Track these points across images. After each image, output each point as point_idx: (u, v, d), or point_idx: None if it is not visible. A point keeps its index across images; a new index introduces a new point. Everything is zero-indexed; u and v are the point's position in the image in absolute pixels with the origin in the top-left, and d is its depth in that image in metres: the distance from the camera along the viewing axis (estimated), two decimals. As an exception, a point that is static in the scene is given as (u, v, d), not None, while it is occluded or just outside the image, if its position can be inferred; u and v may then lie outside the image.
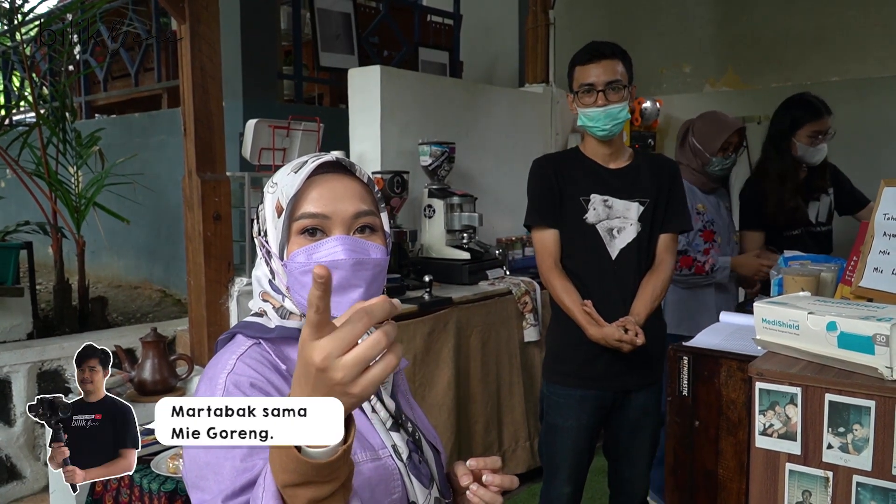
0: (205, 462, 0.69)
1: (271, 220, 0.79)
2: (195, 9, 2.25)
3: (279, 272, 0.80)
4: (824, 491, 0.86)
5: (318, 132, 2.64)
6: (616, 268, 1.73)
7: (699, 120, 2.30)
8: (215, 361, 0.77)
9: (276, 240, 0.78)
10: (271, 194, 0.80)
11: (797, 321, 0.92)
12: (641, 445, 1.80)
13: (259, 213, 0.83)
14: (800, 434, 0.87)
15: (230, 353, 0.76)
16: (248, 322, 0.80)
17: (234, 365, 0.74)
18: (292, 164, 0.81)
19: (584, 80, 1.71)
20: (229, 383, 0.72)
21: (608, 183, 1.76)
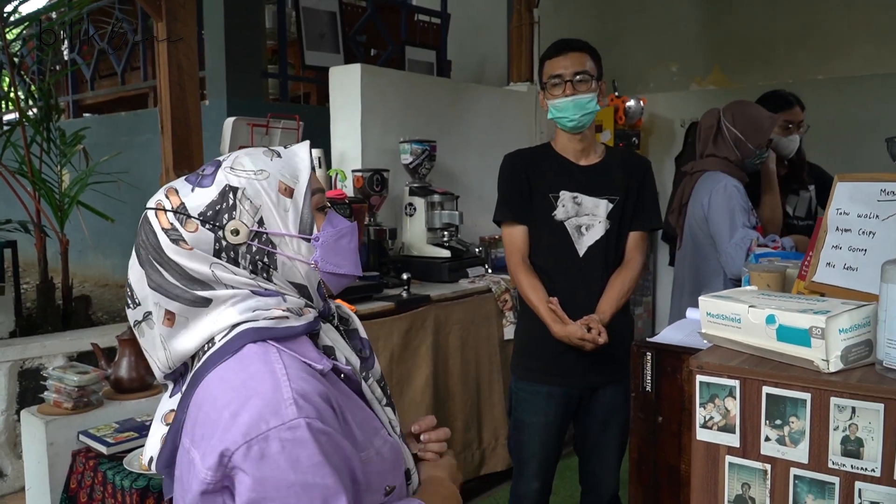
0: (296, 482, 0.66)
1: (276, 205, 0.77)
2: (172, 7, 2.25)
3: (300, 254, 0.78)
4: (763, 483, 0.87)
5: (298, 130, 2.64)
6: (583, 265, 1.73)
7: (736, 112, 2.18)
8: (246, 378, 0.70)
9: (295, 220, 0.78)
10: (263, 180, 0.77)
11: (739, 314, 0.92)
12: (611, 441, 1.81)
13: (240, 207, 0.76)
14: (738, 427, 0.87)
15: (262, 361, 0.71)
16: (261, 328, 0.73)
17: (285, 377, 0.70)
18: (261, 153, 0.80)
19: (553, 72, 1.72)
20: (299, 395, 0.69)
21: (578, 179, 1.76)
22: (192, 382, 0.75)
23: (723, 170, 2.17)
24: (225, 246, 0.75)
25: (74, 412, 2.06)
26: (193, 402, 0.73)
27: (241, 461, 0.66)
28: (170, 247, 0.74)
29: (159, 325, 0.76)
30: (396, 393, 2.33)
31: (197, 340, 0.75)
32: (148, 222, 0.76)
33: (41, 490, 2.08)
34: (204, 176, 0.78)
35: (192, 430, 0.72)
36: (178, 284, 0.74)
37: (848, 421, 0.81)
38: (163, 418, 0.79)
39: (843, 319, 0.84)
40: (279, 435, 0.66)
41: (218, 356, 0.73)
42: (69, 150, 3.31)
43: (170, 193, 0.77)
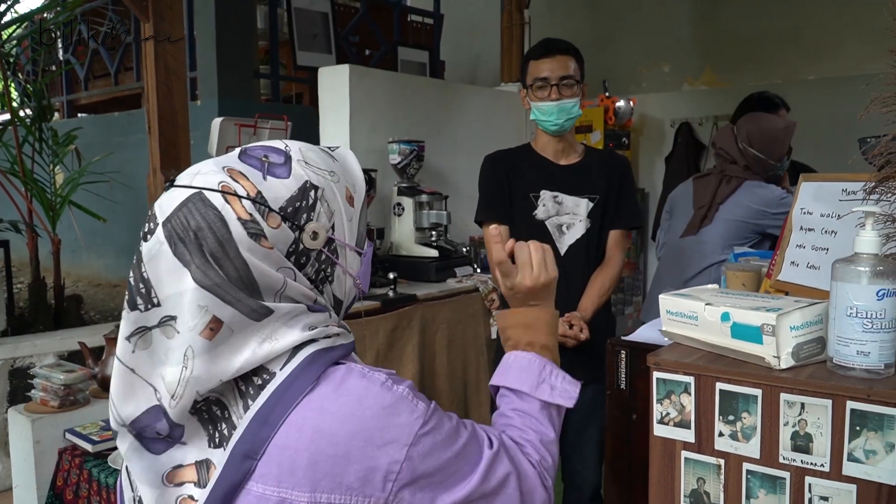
0: (457, 450, 0.68)
1: (343, 213, 0.70)
2: (159, 7, 2.27)
3: (353, 266, 0.73)
4: (717, 478, 0.88)
5: (286, 131, 2.66)
6: (564, 263, 1.74)
7: (751, 131, 2.13)
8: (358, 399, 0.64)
9: (353, 231, 0.72)
10: (335, 183, 0.70)
11: (696, 312, 0.93)
12: (591, 439, 1.82)
13: (321, 210, 0.68)
14: (693, 422, 0.89)
15: (361, 378, 0.67)
16: (329, 349, 0.67)
17: (390, 382, 0.68)
18: (319, 150, 0.73)
19: (538, 75, 1.73)
20: (411, 391, 0.68)
21: (558, 179, 1.77)
22: (260, 422, 0.62)
23: (760, 179, 2.14)
24: (300, 249, 0.66)
25: (61, 410, 2.08)
26: (279, 445, 0.62)
27: (410, 472, 0.65)
28: (245, 241, 0.62)
29: (191, 335, 0.61)
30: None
31: (241, 362, 0.62)
32: (210, 207, 0.62)
33: (28, 488, 2.10)
34: (273, 164, 0.66)
35: (299, 478, 0.62)
36: (239, 288, 0.62)
37: (797, 416, 0.82)
38: (165, 478, 0.64)
39: (795, 317, 0.85)
40: (424, 430, 0.66)
41: (294, 388, 0.63)
42: (61, 150, 3.33)
43: (236, 176, 0.64)
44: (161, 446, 0.64)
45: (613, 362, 1.47)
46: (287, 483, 0.62)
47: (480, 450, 0.71)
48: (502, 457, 0.72)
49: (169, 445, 0.64)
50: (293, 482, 0.62)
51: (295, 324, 0.65)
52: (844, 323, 0.82)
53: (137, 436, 0.65)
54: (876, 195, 0.95)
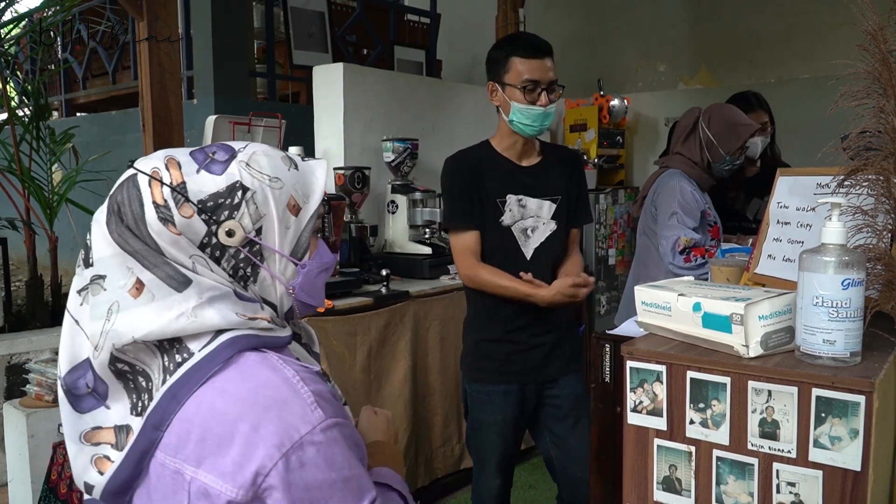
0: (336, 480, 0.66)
1: (280, 220, 0.72)
2: (153, 6, 2.29)
3: (283, 275, 0.74)
4: (688, 465, 0.89)
5: (280, 129, 2.68)
6: (531, 267, 1.70)
7: (714, 114, 2.18)
8: (256, 387, 0.66)
9: (292, 241, 0.74)
10: (276, 189, 0.72)
11: (669, 303, 0.95)
12: (581, 435, 1.79)
13: (245, 211, 0.70)
14: (665, 410, 0.90)
15: (269, 368, 0.68)
16: (251, 335, 0.69)
17: (297, 379, 0.68)
18: (279, 157, 0.75)
19: (529, 76, 1.63)
20: (318, 397, 0.68)
21: (522, 181, 1.72)
22: (171, 396, 0.66)
23: (685, 170, 2.18)
24: (213, 243, 0.70)
25: (55, 405, 2.10)
26: (183, 419, 0.66)
27: (281, 475, 0.63)
28: (155, 224, 0.68)
29: (121, 293, 0.67)
30: (375, 387, 2.37)
31: (157, 326, 0.66)
32: (136, 187, 0.69)
33: (23, 482, 2.12)
34: (214, 160, 0.71)
35: (190, 452, 0.65)
36: (158, 256, 0.68)
37: (765, 404, 0.84)
38: (82, 437, 0.69)
39: (763, 307, 0.87)
40: (312, 439, 0.65)
41: (205, 367, 0.67)
42: (58, 148, 3.35)
43: (171, 165, 0.70)
44: (88, 404, 0.69)
45: (598, 356, 1.49)
46: (181, 455, 0.66)
47: (361, 496, 0.68)
48: None
49: (95, 405, 0.69)
50: (185, 455, 0.65)
51: (220, 306, 0.68)
52: (811, 312, 0.83)
53: (67, 392, 0.70)
54: (844, 189, 0.97)
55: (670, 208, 2.06)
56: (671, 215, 2.06)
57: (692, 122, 2.24)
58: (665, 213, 2.08)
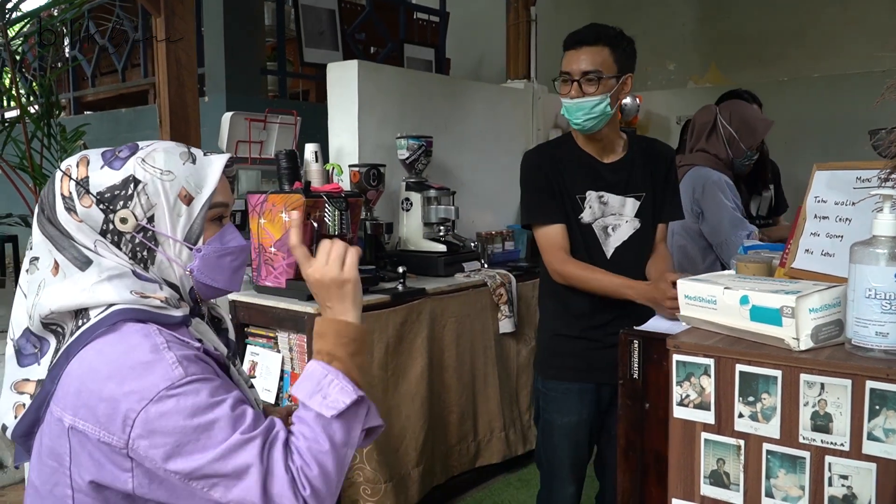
0: (199, 424, 0.73)
1: (171, 209, 0.82)
2: (170, 3, 2.28)
3: (179, 258, 0.84)
4: (737, 458, 0.89)
5: (295, 126, 2.67)
6: (611, 267, 1.65)
7: (734, 111, 2.20)
8: (127, 349, 0.76)
9: (185, 227, 0.83)
10: (168, 181, 0.82)
11: (714, 296, 0.95)
12: None
13: (136, 200, 0.81)
14: (713, 404, 0.90)
15: (143, 336, 0.77)
16: (138, 309, 0.79)
17: (165, 346, 0.76)
18: (178, 153, 0.84)
19: (562, 67, 1.61)
20: (182, 359, 0.75)
21: (604, 178, 1.67)
22: (66, 355, 0.78)
23: (711, 166, 2.20)
24: (111, 229, 0.81)
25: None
26: (68, 373, 0.77)
27: (144, 424, 0.72)
28: (62, 212, 0.80)
29: (46, 272, 0.81)
30: (391, 384, 2.36)
31: (66, 300, 0.78)
32: (52, 182, 0.83)
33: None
34: (117, 157, 0.83)
35: (69, 402, 0.76)
36: (67, 240, 0.80)
37: (817, 397, 0.84)
38: (13, 386, 0.82)
39: (814, 299, 0.87)
40: (171, 393, 0.73)
41: (93, 331, 0.77)
42: (70, 145, 3.34)
43: (81, 163, 0.83)
44: (28, 361, 0.82)
45: (626, 352, 1.49)
46: (61, 404, 0.77)
47: (231, 432, 0.74)
48: (251, 447, 0.74)
49: (31, 362, 0.81)
50: (65, 404, 0.76)
51: (117, 282, 0.79)
52: (863, 304, 0.83)
53: (17, 351, 0.82)
54: (891, 182, 0.97)
55: (728, 206, 2.07)
56: (732, 213, 2.06)
57: (711, 120, 2.26)
58: (723, 211, 2.07)
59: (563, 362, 1.72)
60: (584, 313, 1.69)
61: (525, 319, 2.88)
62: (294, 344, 2.24)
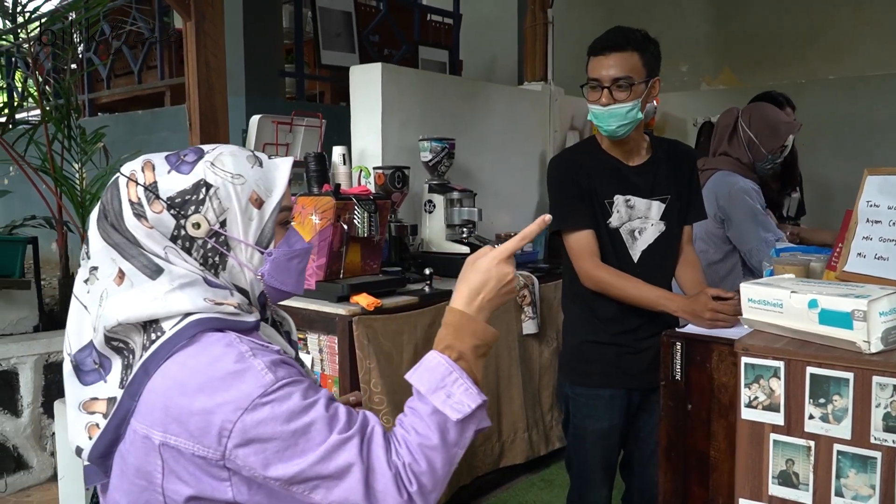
0: (297, 428, 0.72)
1: (243, 213, 0.81)
2: (200, 6, 2.30)
3: (250, 263, 0.82)
4: (807, 459, 0.91)
5: (321, 128, 2.69)
6: (639, 271, 1.64)
7: (755, 114, 2.20)
8: (212, 360, 0.74)
9: (256, 231, 0.82)
10: (239, 185, 0.80)
11: (781, 300, 0.96)
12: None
13: (208, 204, 0.79)
14: (783, 405, 0.92)
15: (226, 346, 0.75)
16: (214, 318, 0.77)
17: (250, 354, 0.75)
18: (244, 156, 0.83)
19: (591, 74, 1.59)
20: (270, 364, 0.74)
21: (630, 181, 1.66)
22: (143, 370, 0.76)
23: (735, 170, 2.20)
24: (183, 235, 0.79)
25: (107, 403, 2.12)
26: (151, 389, 0.75)
27: (241, 434, 0.71)
28: (130, 219, 0.78)
29: (108, 281, 0.78)
30: (420, 385, 2.38)
31: (136, 311, 0.76)
32: (116, 188, 0.80)
33: (74, 479, 2.13)
34: (184, 161, 0.80)
35: (157, 418, 0.74)
36: (135, 248, 0.78)
37: (889, 398, 0.85)
38: (81, 406, 0.79)
39: (883, 303, 0.89)
40: (265, 400, 0.72)
41: (173, 344, 0.75)
42: (90, 147, 3.35)
43: (146, 167, 0.80)
44: (91, 378, 0.79)
45: (668, 354, 1.51)
46: (148, 421, 0.74)
47: (329, 433, 0.73)
48: (350, 446, 0.73)
49: (97, 379, 0.79)
50: (152, 420, 0.74)
51: (190, 291, 0.77)
52: (934, 308, 0.85)
53: (76, 367, 0.80)
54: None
55: (753, 211, 2.07)
56: (757, 219, 2.07)
57: (732, 123, 2.26)
58: (748, 216, 2.08)
59: (592, 368, 1.71)
60: (613, 318, 1.69)
61: (547, 321, 2.90)
62: (324, 345, 2.26)
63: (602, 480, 1.75)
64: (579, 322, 1.75)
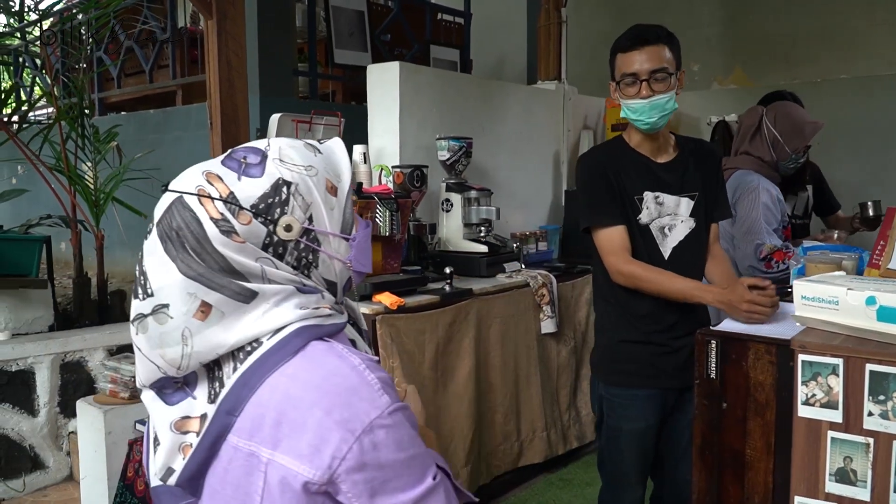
0: (404, 459, 0.69)
1: (325, 203, 0.76)
2: (222, 5, 2.29)
3: (338, 253, 0.78)
4: (865, 456, 0.91)
5: (339, 126, 2.68)
6: (670, 268, 1.65)
7: (780, 113, 2.20)
8: (327, 374, 0.70)
9: (339, 219, 0.78)
10: (313, 177, 0.75)
11: (837, 297, 0.96)
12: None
13: (294, 204, 0.73)
14: (841, 403, 0.92)
15: (337, 357, 0.72)
16: (315, 325, 0.74)
17: (364, 367, 0.72)
18: (303, 146, 0.78)
19: (627, 70, 1.59)
20: (382, 383, 0.71)
21: (659, 178, 1.67)
22: (242, 384, 0.70)
23: (755, 169, 2.20)
24: (275, 241, 0.73)
25: (131, 402, 2.11)
26: (257, 404, 0.69)
27: (356, 458, 0.67)
28: (218, 238, 0.70)
29: (186, 318, 0.70)
30: (441, 385, 2.38)
31: (236, 337, 0.71)
32: (187, 209, 0.71)
33: (98, 479, 2.12)
34: (248, 164, 0.74)
35: (265, 434, 0.69)
36: (222, 275, 0.70)
37: (952, 395, 0.85)
38: (173, 426, 0.73)
39: (944, 300, 0.89)
40: (381, 423, 0.68)
41: (276, 356, 0.70)
42: (103, 146, 3.35)
43: (212, 179, 0.72)
44: (177, 397, 0.74)
45: (703, 352, 1.50)
46: (257, 437, 0.69)
47: (426, 472, 0.71)
48: (440, 493, 0.72)
49: (182, 398, 0.73)
50: (261, 437, 0.69)
51: (286, 304, 0.72)
52: None
53: (159, 391, 0.74)
54: None
55: (753, 210, 2.07)
56: (754, 219, 2.06)
57: (756, 122, 2.26)
58: (748, 215, 2.08)
59: (628, 369, 1.70)
60: (647, 316, 1.68)
61: (565, 320, 2.90)
62: (347, 344, 2.25)
63: (636, 481, 1.75)
64: (613, 321, 1.75)
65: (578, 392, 2.99)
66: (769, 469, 1.34)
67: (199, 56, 4.04)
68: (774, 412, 1.27)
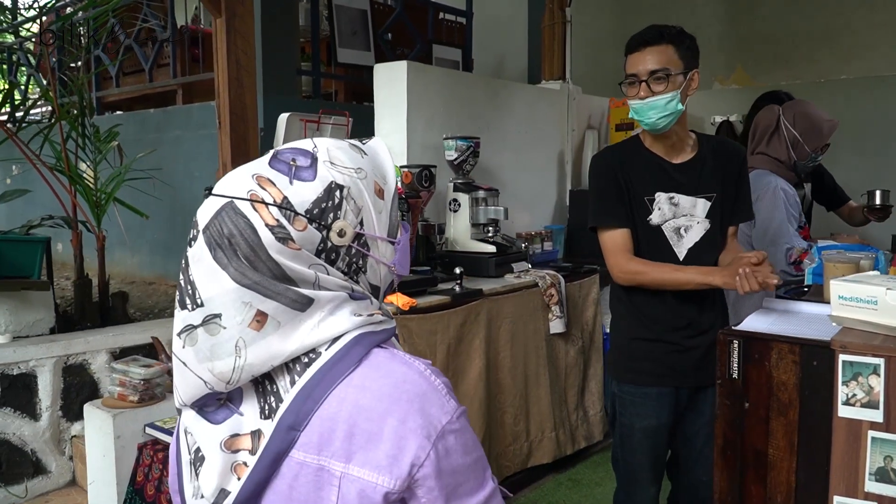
0: (470, 463, 0.69)
1: (374, 207, 0.73)
2: (231, 3, 2.27)
3: (384, 257, 0.76)
4: (906, 456, 0.91)
5: (347, 126, 2.67)
6: None
7: (798, 112, 2.19)
8: (396, 382, 0.69)
9: (386, 223, 0.75)
10: (362, 179, 0.73)
11: (875, 297, 0.96)
12: (710, 436, 1.66)
13: (347, 208, 0.71)
14: (882, 402, 0.92)
15: (403, 363, 0.71)
16: (373, 332, 0.72)
17: (429, 372, 0.72)
18: (349, 148, 0.76)
19: (629, 70, 1.62)
20: (447, 388, 0.72)
21: (673, 179, 1.65)
22: (304, 397, 0.67)
23: (772, 170, 2.20)
24: (328, 247, 0.70)
25: (140, 405, 2.08)
26: (326, 417, 0.67)
27: (434, 464, 0.67)
28: (274, 245, 0.67)
29: (240, 328, 0.67)
30: (452, 385, 2.36)
31: (294, 346, 0.68)
32: (240, 215, 0.67)
33: (106, 484, 2.09)
34: (299, 167, 0.70)
35: (338, 448, 0.67)
36: (278, 283, 0.67)
37: None
38: (223, 445, 0.69)
39: None
40: (451, 427, 0.68)
41: (339, 366, 0.68)
42: (104, 146, 3.31)
43: (264, 184, 0.69)
44: (222, 415, 0.70)
45: (725, 352, 1.50)
46: (327, 452, 0.66)
47: (486, 474, 0.72)
48: (498, 495, 0.73)
49: (228, 415, 0.70)
50: (332, 451, 0.66)
51: (341, 312, 0.70)
52: None
53: (200, 410, 0.71)
54: None
55: (776, 212, 2.07)
56: (780, 221, 2.06)
57: (774, 122, 2.25)
58: (770, 217, 2.07)
59: (641, 366, 1.70)
60: (660, 315, 1.69)
61: (572, 320, 2.89)
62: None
63: (649, 479, 1.75)
64: (627, 320, 1.75)
65: (586, 392, 2.99)
66: (792, 468, 1.34)
67: (201, 55, 4.01)
68: (797, 412, 1.27)
